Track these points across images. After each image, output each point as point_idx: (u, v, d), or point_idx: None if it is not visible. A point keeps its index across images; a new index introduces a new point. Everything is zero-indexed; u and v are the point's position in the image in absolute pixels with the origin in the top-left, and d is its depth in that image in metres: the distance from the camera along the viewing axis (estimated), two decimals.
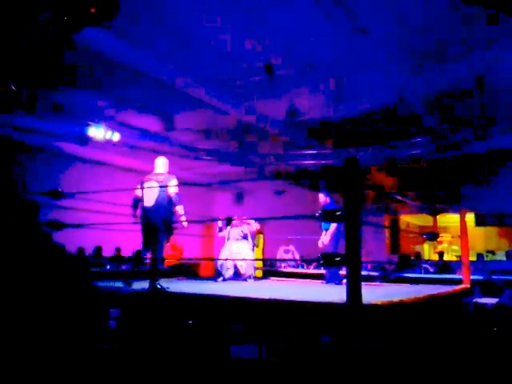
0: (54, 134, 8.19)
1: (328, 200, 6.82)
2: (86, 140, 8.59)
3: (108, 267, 8.65)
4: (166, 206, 5.05)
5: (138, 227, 5.15)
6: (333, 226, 6.50)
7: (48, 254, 1.91)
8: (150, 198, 5.07)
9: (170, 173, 5.37)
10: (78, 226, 4.90)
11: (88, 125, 8.26)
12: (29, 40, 4.75)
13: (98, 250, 9.47)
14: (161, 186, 5.06)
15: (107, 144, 8.79)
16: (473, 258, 9.02)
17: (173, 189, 5.10)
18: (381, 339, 3.02)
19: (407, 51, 6.37)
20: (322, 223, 6.72)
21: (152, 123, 8.90)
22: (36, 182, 7.34)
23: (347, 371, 2.70)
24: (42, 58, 5.27)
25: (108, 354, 1.92)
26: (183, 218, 5.18)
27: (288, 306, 3.36)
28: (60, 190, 4.71)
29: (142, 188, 5.15)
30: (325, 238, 6.57)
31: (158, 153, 9.65)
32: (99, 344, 1.88)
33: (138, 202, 5.24)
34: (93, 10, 4.20)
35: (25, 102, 6.63)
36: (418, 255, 12.82)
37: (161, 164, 5.42)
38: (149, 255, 5.06)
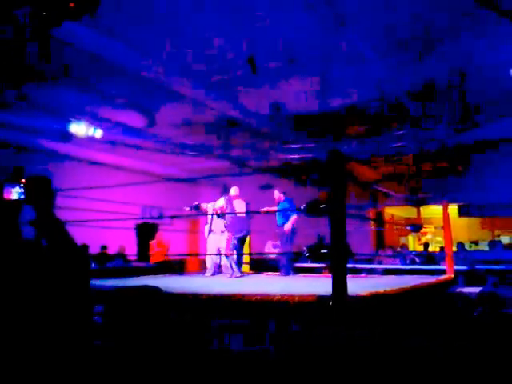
0: (35, 131, 8.05)
1: (282, 197, 6.96)
2: (67, 137, 8.46)
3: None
4: None
5: (124, 224, 5.13)
6: (293, 217, 6.64)
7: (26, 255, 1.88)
8: None
9: None
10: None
11: (69, 121, 8.13)
12: (6, 35, 4.65)
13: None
14: None
15: (89, 141, 8.68)
16: (454, 248, 9.14)
17: None
18: (366, 329, 3.04)
19: (390, 44, 6.40)
20: (278, 218, 6.94)
21: (135, 119, 8.79)
22: None
23: (335, 361, 2.72)
24: (20, 54, 5.18)
25: (99, 350, 1.92)
26: None
27: (274, 300, 3.37)
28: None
29: None
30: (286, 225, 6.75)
31: (142, 149, 9.64)
32: (91, 340, 1.89)
33: None
34: (71, 5, 4.13)
35: (3, 98, 6.50)
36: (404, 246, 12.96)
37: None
38: None
